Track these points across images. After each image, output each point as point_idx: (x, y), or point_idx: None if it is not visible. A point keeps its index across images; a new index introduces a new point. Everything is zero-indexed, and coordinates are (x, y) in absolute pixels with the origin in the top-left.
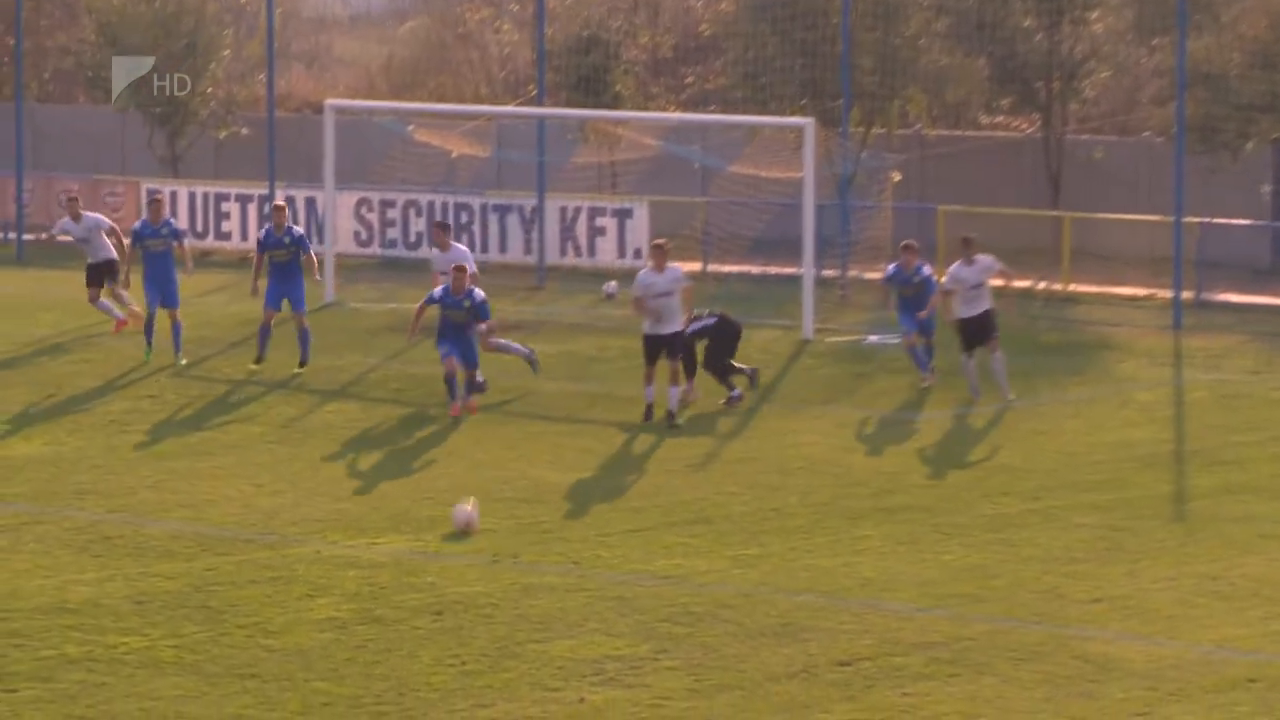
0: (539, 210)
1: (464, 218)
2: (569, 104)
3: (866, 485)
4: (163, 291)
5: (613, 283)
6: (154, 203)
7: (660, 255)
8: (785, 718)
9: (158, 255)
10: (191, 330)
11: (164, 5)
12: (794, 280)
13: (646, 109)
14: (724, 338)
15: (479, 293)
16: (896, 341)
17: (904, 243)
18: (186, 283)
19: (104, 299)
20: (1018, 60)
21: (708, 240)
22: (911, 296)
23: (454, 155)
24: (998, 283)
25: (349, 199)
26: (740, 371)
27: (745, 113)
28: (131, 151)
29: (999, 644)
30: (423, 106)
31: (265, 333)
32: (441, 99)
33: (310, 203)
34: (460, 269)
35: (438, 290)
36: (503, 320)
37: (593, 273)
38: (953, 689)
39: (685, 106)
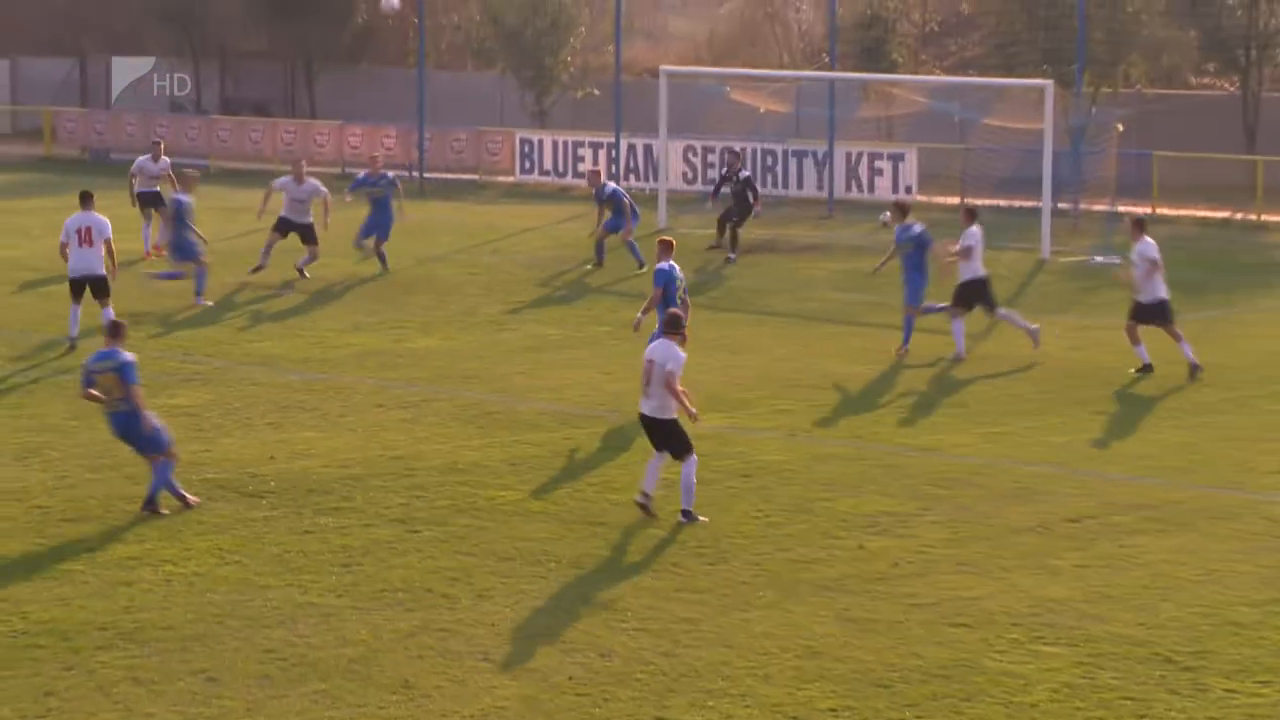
0: (829, 155)
1: (769, 160)
2: (855, 69)
3: (1090, 378)
4: (379, 227)
5: (887, 213)
6: (372, 159)
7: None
8: (1026, 562)
9: (378, 200)
10: (548, 250)
11: None
12: (1034, 212)
13: (916, 73)
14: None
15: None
16: (1118, 262)
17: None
18: (545, 211)
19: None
20: (1222, 32)
21: (965, 179)
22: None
23: (762, 111)
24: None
25: (678, 146)
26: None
27: (996, 76)
28: (508, 109)
29: (1200, 506)
30: (738, 71)
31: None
32: (752, 66)
33: (647, 149)
34: None
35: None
36: (796, 242)
37: (871, 205)
38: (1162, 542)
39: (948, 70)
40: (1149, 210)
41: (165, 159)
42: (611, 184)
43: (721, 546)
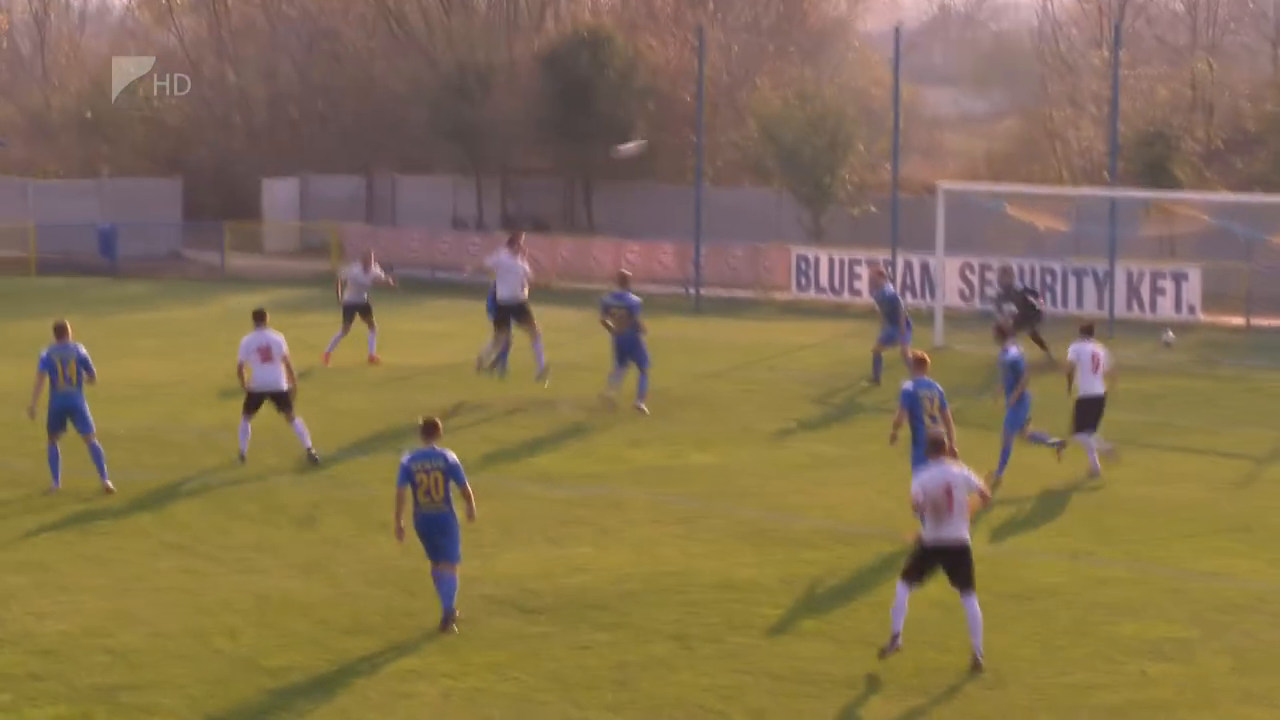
0: (1110, 273)
1: (1048, 279)
2: (1136, 186)
3: None
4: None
5: (1170, 332)
6: (622, 276)
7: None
8: None
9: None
10: (825, 367)
11: (813, 108)
12: None
13: (1200, 191)
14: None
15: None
16: None
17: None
18: (821, 327)
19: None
20: None
21: (1251, 298)
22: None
23: (1041, 229)
24: None
25: (955, 263)
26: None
27: None
28: (784, 225)
29: None
30: (1016, 188)
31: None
32: (1030, 183)
33: (924, 266)
34: None
35: None
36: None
37: (1153, 324)
38: None
39: (1233, 188)
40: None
41: (376, 269)
42: (891, 286)
43: (1000, 670)
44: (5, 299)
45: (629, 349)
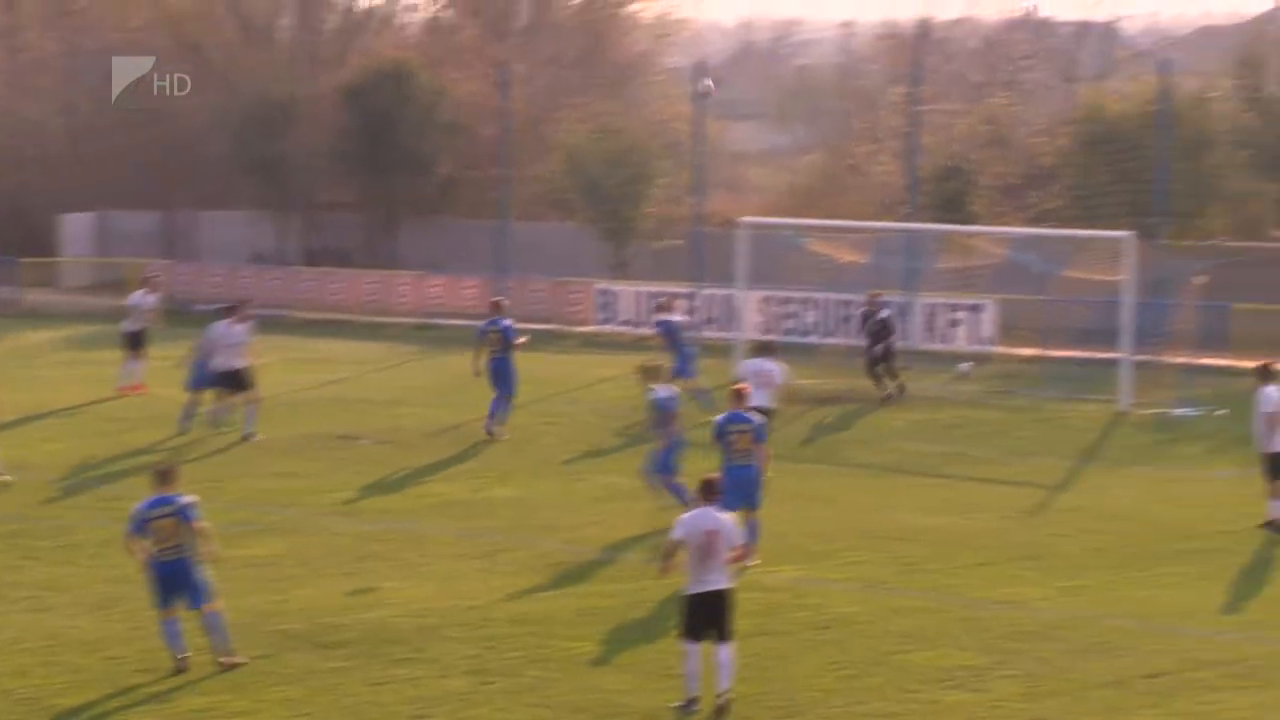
0: (908, 306)
1: (847, 312)
2: (934, 220)
3: (1172, 531)
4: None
5: (967, 363)
6: (494, 304)
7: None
8: (1102, 719)
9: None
10: (626, 400)
11: (617, 142)
12: (1113, 363)
13: (996, 225)
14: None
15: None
16: (1198, 414)
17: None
18: (623, 360)
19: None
20: None
21: (1044, 330)
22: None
23: (841, 262)
24: None
25: (756, 296)
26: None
27: (1077, 227)
28: (587, 259)
29: None
30: (817, 222)
31: None
32: (832, 217)
33: (726, 299)
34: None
35: None
36: (871, 394)
37: (950, 356)
38: (1242, 699)
39: (1028, 222)
40: (1229, 363)
41: (154, 297)
42: (670, 318)
43: (795, 700)
44: None
45: (500, 374)
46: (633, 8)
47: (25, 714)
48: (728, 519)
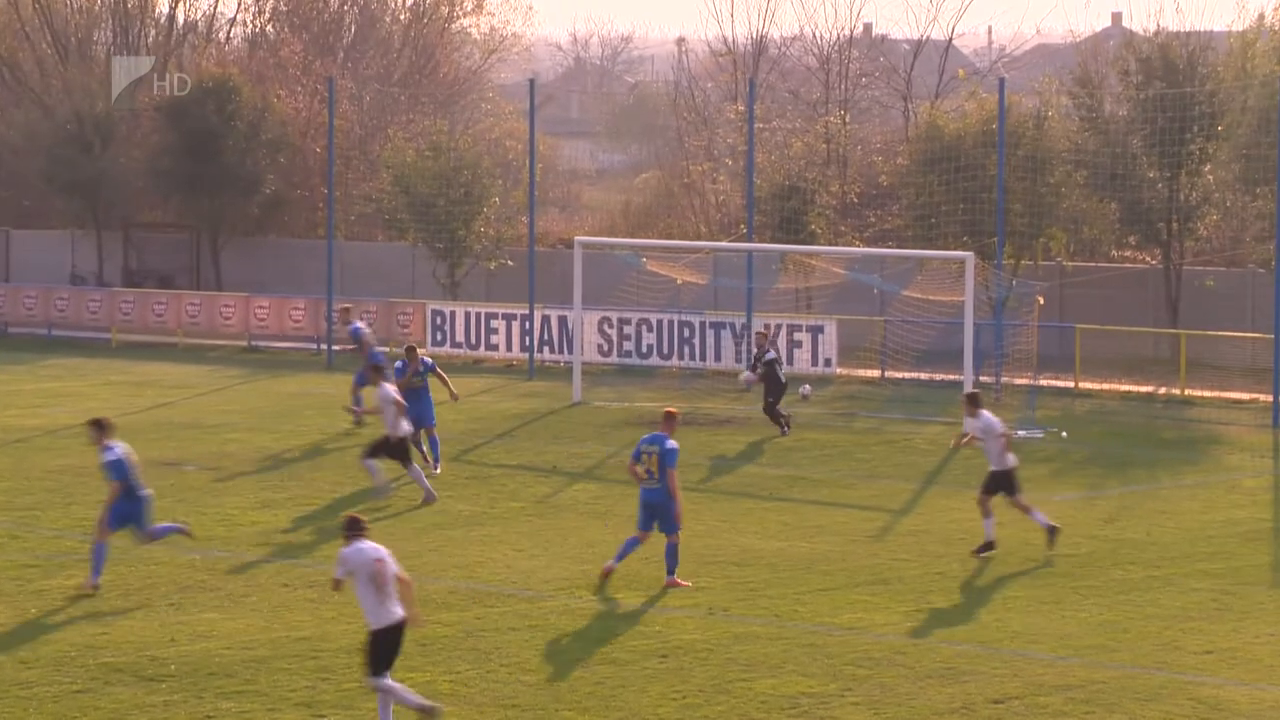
0: (748, 326)
1: (686, 333)
2: (773, 240)
3: (1015, 554)
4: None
5: (807, 386)
6: (410, 350)
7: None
8: None
9: (417, 390)
10: (460, 424)
11: (446, 161)
12: (956, 385)
13: (835, 244)
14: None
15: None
16: (1042, 436)
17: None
18: (458, 383)
19: None
20: (1143, 205)
21: (884, 351)
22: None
23: (679, 282)
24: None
25: (593, 317)
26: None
27: (916, 247)
28: (419, 279)
29: (1126, 687)
30: (654, 242)
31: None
32: (669, 236)
33: (562, 320)
34: None
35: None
36: (714, 416)
37: (791, 378)
38: None
39: (867, 242)
40: (1072, 384)
41: None
42: (358, 324)
43: None
44: None
45: (418, 408)
46: (463, 23)
47: None
48: (383, 549)
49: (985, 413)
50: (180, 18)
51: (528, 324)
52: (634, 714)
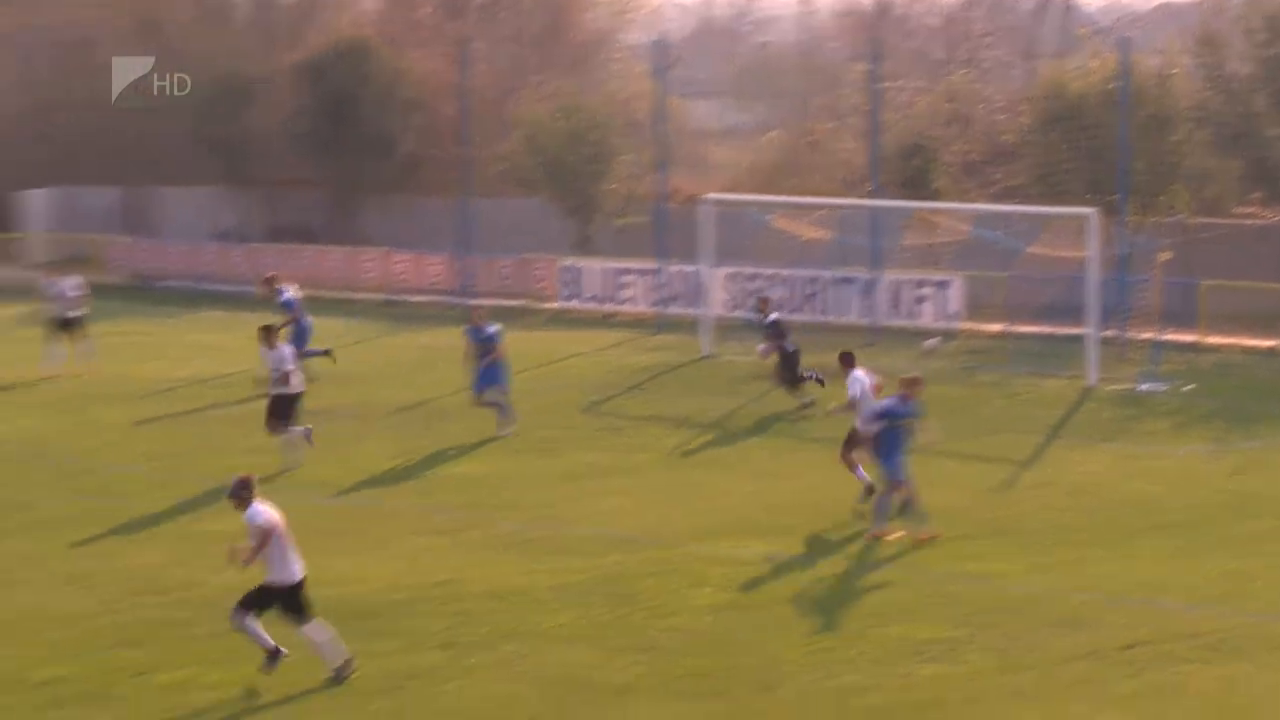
0: (873, 282)
1: (812, 288)
2: (897, 198)
3: (1140, 506)
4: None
5: (934, 339)
6: (475, 309)
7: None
8: (1075, 691)
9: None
10: (593, 376)
11: (577, 121)
12: (1079, 339)
13: (960, 201)
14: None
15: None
16: (1165, 390)
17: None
18: (589, 337)
19: None
20: (1266, 162)
21: (1010, 306)
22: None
23: (805, 239)
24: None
25: (721, 273)
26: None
27: (1040, 204)
28: (551, 236)
29: (1256, 635)
30: (781, 199)
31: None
32: (795, 194)
33: (691, 275)
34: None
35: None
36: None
37: (915, 332)
38: (1213, 671)
39: (991, 199)
40: (1196, 339)
41: (73, 283)
42: (286, 291)
43: (771, 673)
44: None
45: (487, 374)
46: None
47: (5, 686)
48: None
49: (857, 372)
50: None
51: (657, 279)
52: (767, 657)
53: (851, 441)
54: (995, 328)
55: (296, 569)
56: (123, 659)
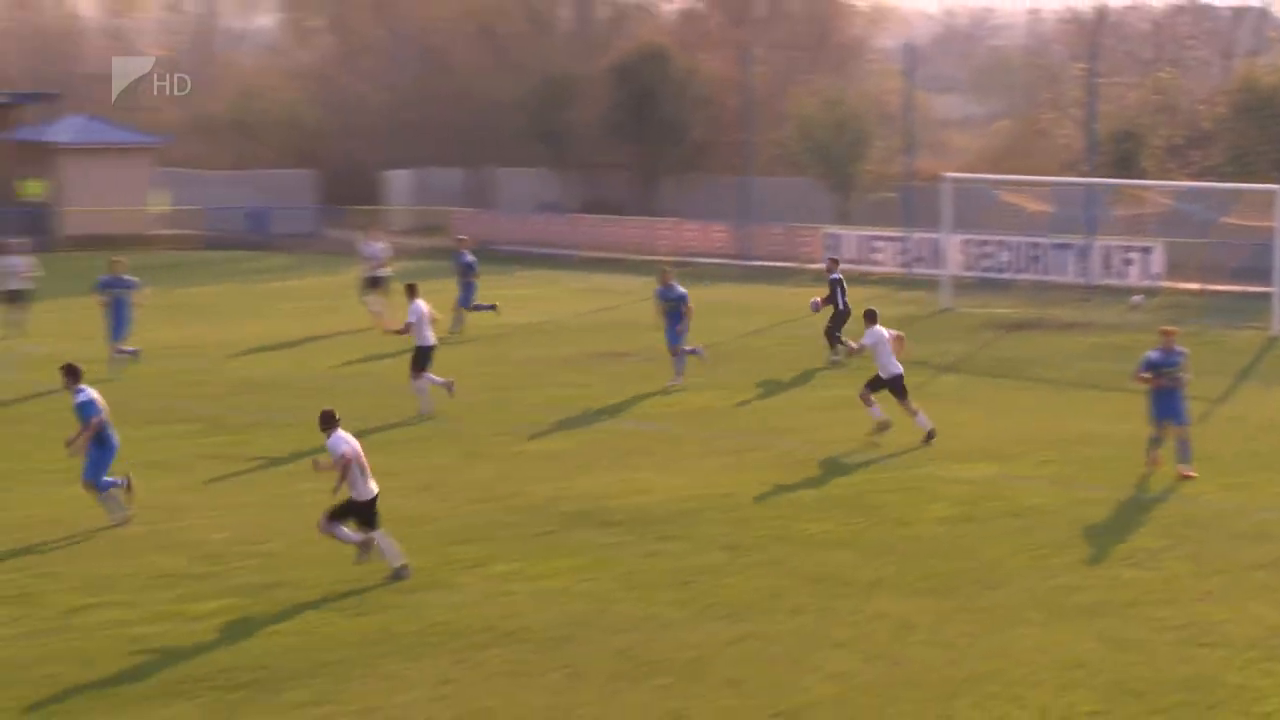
0: (1087, 247)
1: (1035, 251)
2: (1109, 176)
3: None
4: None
5: (1138, 296)
6: (665, 271)
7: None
8: (1261, 594)
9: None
10: (850, 324)
11: (839, 113)
12: (1266, 296)
13: (1164, 180)
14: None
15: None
16: None
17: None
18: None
19: None
20: None
21: (1206, 268)
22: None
23: (1029, 211)
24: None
25: (957, 240)
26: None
27: (1233, 181)
28: (816, 209)
29: None
30: (1009, 178)
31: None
32: (1021, 174)
33: (932, 242)
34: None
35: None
36: (1058, 321)
37: (1122, 289)
38: None
39: (1191, 178)
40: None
41: (380, 243)
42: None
43: (996, 575)
44: (181, 269)
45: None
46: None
47: (365, 572)
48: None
49: (877, 327)
50: None
51: (903, 245)
52: (990, 562)
53: (874, 385)
54: (1193, 286)
55: (371, 487)
56: (462, 553)
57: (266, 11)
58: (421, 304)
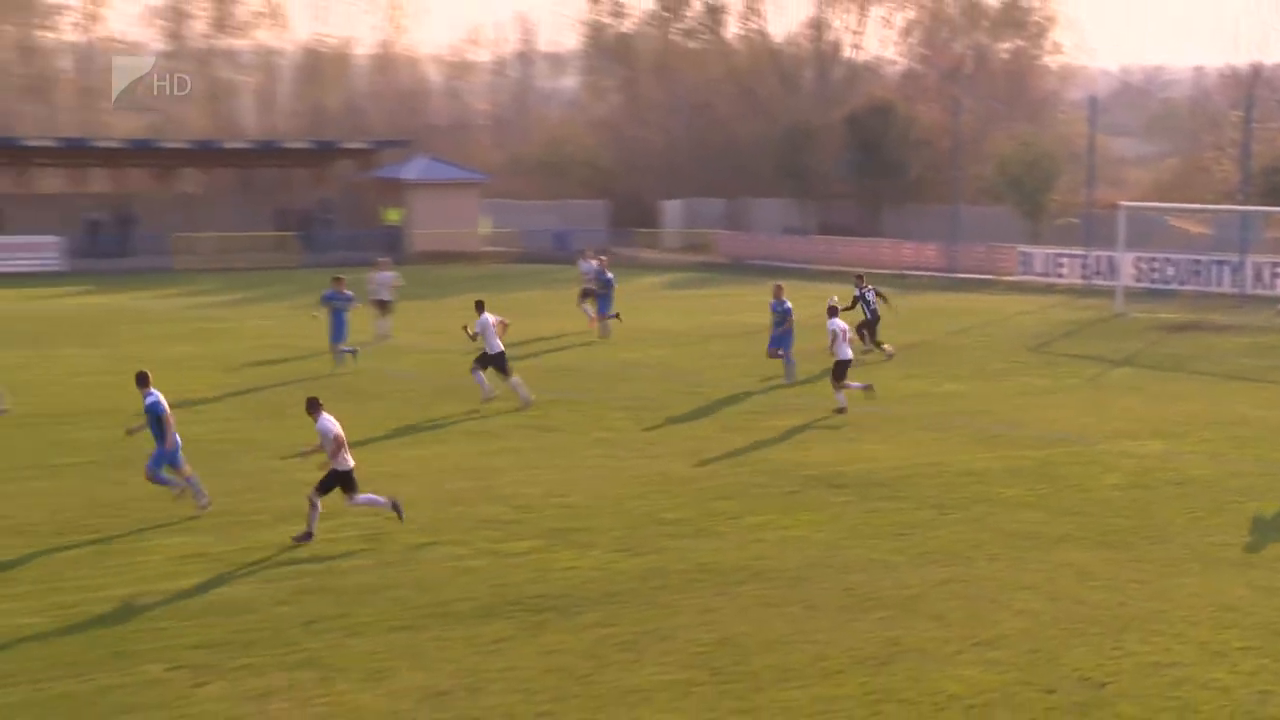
0: (1241, 263)
1: (1195, 268)
2: (1261, 204)
3: None
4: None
5: None
6: (778, 287)
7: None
8: None
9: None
10: (1037, 326)
11: (1032, 153)
12: None
13: None
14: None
15: None
16: None
17: None
18: (1035, 299)
19: None
20: None
21: None
22: None
23: (1192, 233)
24: None
25: (1130, 257)
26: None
27: None
28: (1012, 231)
29: None
30: (1175, 205)
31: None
32: (1186, 202)
33: (1108, 258)
34: None
35: None
36: (1216, 324)
37: (1272, 298)
38: None
39: None
40: None
41: (594, 262)
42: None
43: (1162, 532)
44: (502, 278)
45: (780, 338)
46: (1045, 60)
47: (645, 522)
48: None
49: (835, 319)
50: (858, 59)
51: (1084, 261)
52: (1157, 522)
53: (838, 372)
54: None
55: (349, 460)
56: (722, 507)
57: (571, 75)
58: (489, 316)
